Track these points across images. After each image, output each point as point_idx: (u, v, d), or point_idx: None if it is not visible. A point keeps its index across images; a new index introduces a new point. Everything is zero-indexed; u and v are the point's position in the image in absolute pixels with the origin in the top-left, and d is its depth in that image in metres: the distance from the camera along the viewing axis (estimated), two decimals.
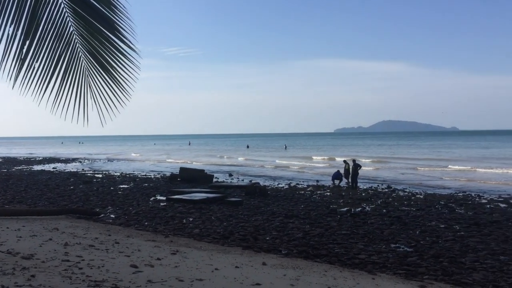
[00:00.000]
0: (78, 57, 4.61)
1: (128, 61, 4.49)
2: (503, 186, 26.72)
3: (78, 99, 4.65)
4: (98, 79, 4.61)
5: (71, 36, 4.55)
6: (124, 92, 4.61)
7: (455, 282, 8.54)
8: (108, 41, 4.44)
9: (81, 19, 4.46)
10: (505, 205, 18.87)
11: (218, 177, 33.10)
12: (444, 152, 66.38)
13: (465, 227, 14.03)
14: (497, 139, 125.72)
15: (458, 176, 33.07)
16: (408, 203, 19.58)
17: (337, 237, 12.58)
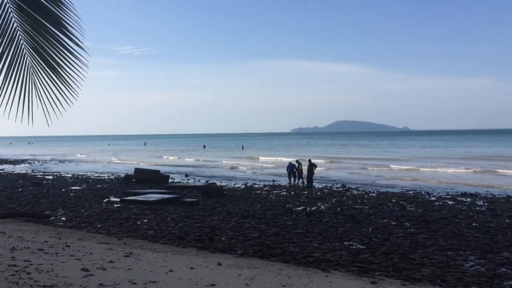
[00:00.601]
0: (22, 54, 4.43)
1: (75, 58, 4.36)
2: (451, 184, 27.72)
3: (22, 97, 4.47)
4: (44, 77, 4.44)
5: (14, 32, 4.37)
6: (71, 91, 4.47)
7: (405, 278, 8.79)
8: (54, 37, 4.28)
9: (25, 15, 4.29)
10: (452, 202, 19.59)
11: (174, 177, 32.78)
12: (394, 152, 68.24)
13: (415, 224, 14.49)
14: (445, 139, 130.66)
15: (407, 175, 34.04)
16: (362, 201, 20.02)
17: (292, 236, 12.70)
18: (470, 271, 9.41)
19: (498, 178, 30.91)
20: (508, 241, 12.08)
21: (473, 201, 19.80)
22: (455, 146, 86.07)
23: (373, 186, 27.21)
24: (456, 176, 33.05)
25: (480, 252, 10.97)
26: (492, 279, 8.83)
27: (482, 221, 15.08)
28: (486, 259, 10.34)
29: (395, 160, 48.46)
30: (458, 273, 9.19)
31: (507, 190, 24.21)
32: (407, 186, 26.54)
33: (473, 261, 10.27)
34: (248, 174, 36.98)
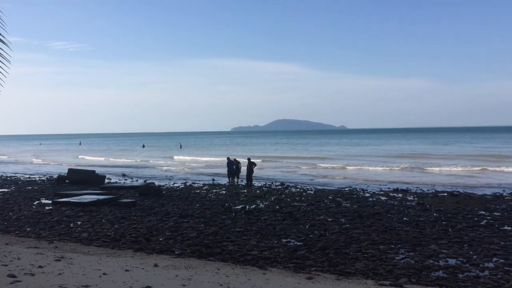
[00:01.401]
0: None
1: None
2: (383, 180, 28.83)
3: None
4: None
5: None
6: None
7: (340, 272, 9.05)
8: None
9: None
10: (385, 198, 20.39)
11: (110, 178, 31.87)
12: (327, 150, 70.12)
13: (350, 220, 14.94)
14: (379, 137, 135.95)
15: (337, 173, 35.05)
16: (300, 199, 20.38)
17: (231, 235, 12.71)
18: (400, 263, 9.82)
19: (425, 175, 32.49)
20: (435, 234, 12.72)
21: (404, 197, 20.67)
22: (385, 144, 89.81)
23: (311, 183, 27.78)
24: (379, 173, 34.31)
25: (410, 245, 11.48)
26: (421, 271, 9.27)
27: (412, 215, 15.80)
28: (415, 252, 10.84)
29: (325, 159, 49.56)
30: (389, 266, 9.57)
31: (435, 186, 25.55)
32: (343, 182, 27.32)
33: (404, 254, 10.73)
34: (187, 174, 36.61)
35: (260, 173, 33.52)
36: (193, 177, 32.71)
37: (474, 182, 27.28)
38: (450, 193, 21.65)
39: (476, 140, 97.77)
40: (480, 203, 18.26)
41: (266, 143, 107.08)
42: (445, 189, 23.43)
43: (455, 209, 16.91)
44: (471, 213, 16.11)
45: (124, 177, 33.87)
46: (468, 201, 18.92)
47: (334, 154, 59.20)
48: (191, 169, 41.31)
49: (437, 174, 32.66)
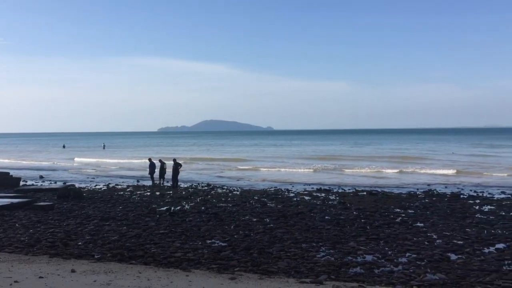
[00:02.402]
0: None
1: None
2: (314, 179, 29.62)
3: None
4: None
5: None
6: None
7: (263, 272, 9.17)
8: None
9: None
10: (309, 198, 20.93)
11: (26, 180, 30.10)
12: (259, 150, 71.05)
13: (274, 220, 15.18)
14: (303, 138, 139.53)
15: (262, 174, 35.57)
16: (226, 199, 20.40)
17: (154, 237, 12.47)
18: (321, 261, 10.13)
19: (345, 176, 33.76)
20: (354, 232, 13.26)
21: (327, 196, 21.34)
22: (308, 145, 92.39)
23: (238, 183, 27.91)
24: (300, 174, 35.30)
25: (330, 243, 11.88)
26: (340, 267, 9.63)
27: (333, 214, 16.35)
28: (335, 249, 11.23)
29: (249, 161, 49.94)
30: (310, 264, 9.84)
31: (355, 185, 26.61)
32: (268, 184, 27.69)
33: (324, 251, 11.09)
34: (109, 175, 35.40)
35: (187, 174, 33.20)
36: (116, 179, 31.69)
37: (390, 182, 28.70)
38: (369, 192, 22.65)
39: (392, 141, 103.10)
40: (396, 202, 19.26)
41: (193, 144, 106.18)
42: (365, 189, 24.47)
43: (373, 207, 17.72)
44: (387, 211, 16.95)
45: (41, 179, 32.15)
46: (385, 200, 19.89)
47: (259, 155, 59.81)
48: (113, 170, 40.03)
49: (353, 175, 33.94)
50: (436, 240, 12.26)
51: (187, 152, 67.20)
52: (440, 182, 27.57)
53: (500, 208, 17.48)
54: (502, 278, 8.81)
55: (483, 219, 15.12)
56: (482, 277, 8.88)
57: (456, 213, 16.24)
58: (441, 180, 28.80)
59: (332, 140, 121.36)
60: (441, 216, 15.70)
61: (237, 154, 60.80)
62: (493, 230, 13.49)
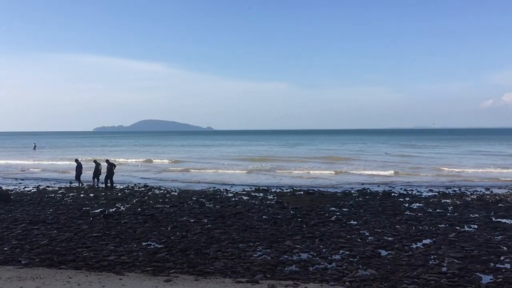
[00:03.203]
0: None
1: None
2: (251, 180, 29.78)
3: None
4: None
5: None
6: None
7: (199, 273, 9.10)
8: None
9: None
10: (247, 198, 21.03)
11: None
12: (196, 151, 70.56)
13: (212, 220, 15.12)
14: (241, 138, 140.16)
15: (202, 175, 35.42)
16: (163, 200, 20.07)
17: (87, 241, 12.04)
18: (257, 260, 10.20)
19: (279, 176, 34.26)
20: (291, 231, 13.46)
21: (265, 196, 21.53)
22: (246, 145, 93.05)
23: (176, 185, 27.54)
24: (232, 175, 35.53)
25: (267, 242, 11.99)
26: (276, 266, 9.74)
27: (271, 213, 16.52)
28: (272, 248, 11.35)
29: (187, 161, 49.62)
30: (247, 263, 9.89)
31: (293, 184, 27.05)
32: (207, 185, 27.55)
33: (261, 251, 11.17)
34: (40, 176, 33.76)
35: (123, 176, 32.37)
36: (47, 181, 30.29)
37: (327, 181, 29.42)
38: (306, 191, 23.09)
39: (331, 141, 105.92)
40: (331, 201, 19.76)
41: (129, 144, 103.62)
42: (302, 188, 24.93)
43: (310, 206, 18.08)
44: (323, 209, 17.36)
45: None
46: (321, 199, 20.36)
47: (196, 156, 59.42)
48: (43, 171, 38.25)
49: (289, 176, 34.51)
50: (368, 237, 12.71)
51: (122, 153, 65.48)
52: (373, 181, 28.59)
53: (428, 205, 18.39)
54: (428, 272, 9.27)
55: (412, 216, 15.84)
56: (410, 271, 9.30)
57: (387, 211, 16.91)
58: (374, 180, 29.88)
59: (269, 140, 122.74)
60: (373, 214, 16.30)
61: (175, 155, 59.99)
62: (421, 226, 14.17)
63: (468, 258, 10.40)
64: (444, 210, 17.21)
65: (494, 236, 12.68)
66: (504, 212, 16.73)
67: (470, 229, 13.78)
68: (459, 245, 11.55)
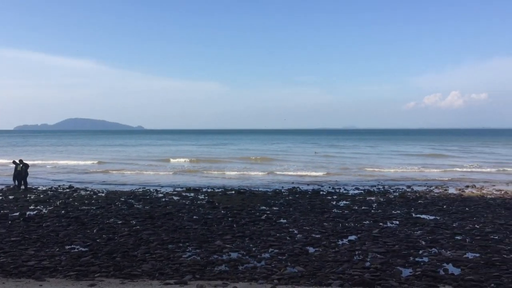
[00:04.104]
0: None
1: None
2: (182, 180, 29.37)
3: None
4: None
5: None
6: None
7: (125, 276, 8.84)
8: None
9: None
10: (178, 198, 20.74)
11: None
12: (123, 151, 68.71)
13: (141, 221, 14.76)
14: (173, 138, 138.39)
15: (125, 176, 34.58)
16: (90, 201, 19.33)
17: (4, 246, 11.33)
18: (187, 261, 10.08)
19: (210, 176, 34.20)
20: (221, 230, 13.44)
21: (196, 196, 21.35)
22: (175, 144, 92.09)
23: (104, 185, 26.64)
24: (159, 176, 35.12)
25: (197, 242, 11.89)
26: (205, 266, 9.68)
27: (201, 213, 16.41)
28: (202, 249, 11.27)
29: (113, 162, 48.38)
30: (176, 265, 9.74)
31: (224, 184, 27.05)
32: (138, 184, 26.88)
33: (191, 251, 11.05)
34: None
35: (45, 177, 30.84)
36: None
37: (258, 181, 29.68)
38: (237, 191, 23.17)
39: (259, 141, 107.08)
40: (262, 200, 19.96)
41: (51, 144, 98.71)
42: (233, 187, 24.98)
43: (241, 205, 18.16)
44: (254, 209, 17.49)
45: None
46: (252, 198, 20.50)
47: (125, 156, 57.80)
48: None
49: (221, 176, 34.53)
50: (297, 235, 12.96)
51: (43, 153, 62.33)
52: (303, 181, 29.22)
53: (354, 203, 19.07)
54: (352, 267, 9.61)
55: (338, 214, 16.36)
56: (336, 267, 9.59)
57: (316, 209, 17.35)
58: (304, 179, 30.54)
59: (201, 140, 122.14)
60: (302, 212, 16.66)
61: (100, 155, 57.88)
62: (347, 223, 14.66)
63: (390, 252, 10.90)
64: (368, 207, 17.93)
65: (414, 231, 13.38)
66: (423, 208, 17.70)
67: (392, 225, 14.46)
68: (381, 241, 12.08)
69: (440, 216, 15.88)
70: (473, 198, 20.58)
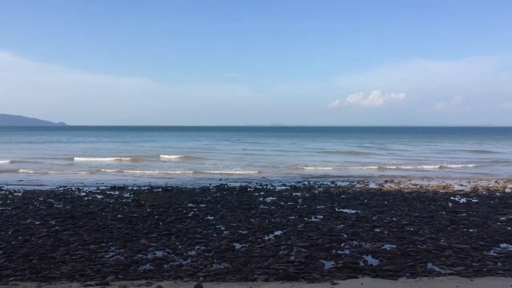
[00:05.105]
0: None
1: None
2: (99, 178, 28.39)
3: None
4: None
5: None
6: None
7: (42, 279, 8.41)
8: None
9: None
10: (101, 196, 20.05)
11: None
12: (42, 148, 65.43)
13: (60, 222, 14.11)
14: (97, 135, 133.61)
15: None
16: (4, 202, 18.18)
17: None
18: (110, 261, 9.78)
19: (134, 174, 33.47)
20: (147, 229, 13.17)
21: (121, 194, 20.74)
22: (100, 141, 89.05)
23: (20, 184, 25.15)
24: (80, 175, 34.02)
25: (121, 242, 11.57)
26: (129, 266, 9.44)
27: (126, 212, 15.98)
28: (126, 248, 10.98)
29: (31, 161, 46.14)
30: (98, 265, 9.42)
31: (151, 182, 26.51)
32: (58, 182, 25.66)
33: (114, 251, 10.74)
34: None
35: None
36: None
37: (185, 178, 29.41)
38: (164, 188, 22.81)
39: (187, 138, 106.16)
40: (190, 197, 19.79)
41: None
42: (160, 185, 24.56)
43: (167, 203, 17.89)
44: (181, 206, 17.30)
45: None
46: (179, 195, 20.27)
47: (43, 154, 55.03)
48: None
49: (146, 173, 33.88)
50: (224, 231, 12.99)
51: None
52: (232, 177, 29.32)
53: (280, 198, 19.43)
54: (277, 262, 9.78)
55: (265, 210, 16.59)
56: (261, 262, 9.73)
57: (243, 205, 17.48)
58: (232, 176, 30.65)
59: (126, 136, 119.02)
60: (230, 209, 16.72)
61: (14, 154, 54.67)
62: (273, 219, 14.91)
63: (313, 246, 11.22)
64: (294, 202, 18.34)
65: (337, 225, 13.87)
66: (345, 202, 18.39)
67: (317, 219, 14.89)
68: (306, 235, 12.41)
69: (361, 210, 16.58)
70: (392, 192, 21.69)
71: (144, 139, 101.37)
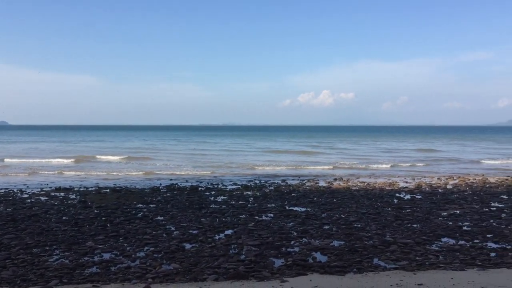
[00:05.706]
0: None
1: None
2: (47, 179, 27.35)
3: None
4: None
5: None
6: None
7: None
8: None
9: None
10: (45, 198, 19.31)
11: None
12: None
13: (1, 225, 13.47)
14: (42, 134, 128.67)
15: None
16: None
17: None
18: (54, 265, 9.44)
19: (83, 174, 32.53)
20: (94, 231, 12.80)
21: (66, 195, 20.06)
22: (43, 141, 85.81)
23: None
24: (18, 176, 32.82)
25: (66, 244, 11.19)
26: (74, 270, 9.15)
27: (72, 214, 15.48)
28: (71, 251, 10.64)
29: None
30: (41, 269, 9.08)
31: (98, 182, 25.80)
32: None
33: (58, 254, 10.38)
34: None
35: None
36: None
37: (134, 178, 28.81)
38: (112, 188, 22.26)
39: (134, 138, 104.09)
40: (139, 197, 19.42)
41: None
42: (108, 185, 23.95)
43: (116, 204, 17.48)
44: (130, 207, 16.95)
45: None
46: (128, 196, 19.85)
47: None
48: None
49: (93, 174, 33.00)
50: (173, 231, 12.83)
51: None
52: (182, 177, 29.00)
53: (231, 198, 19.42)
54: (228, 261, 9.77)
55: (216, 209, 16.54)
56: (212, 262, 9.68)
57: (194, 205, 17.34)
58: (182, 176, 30.32)
59: (72, 136, 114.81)
60: (180, 209, 16.54)
61: None
62: (224, 218, 14.88)
63: (264, 245, 11.29)
64: (245, 201, 18.38)
65: (287, 223, 14.02)
66: (295, 201, 18.63)
67: (267, 218, 14.99)
68: (257, 233, 12.47)
69: (311, 208, 16.85)
70: (340, 190, 22.17)
71: (89, 139, 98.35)
